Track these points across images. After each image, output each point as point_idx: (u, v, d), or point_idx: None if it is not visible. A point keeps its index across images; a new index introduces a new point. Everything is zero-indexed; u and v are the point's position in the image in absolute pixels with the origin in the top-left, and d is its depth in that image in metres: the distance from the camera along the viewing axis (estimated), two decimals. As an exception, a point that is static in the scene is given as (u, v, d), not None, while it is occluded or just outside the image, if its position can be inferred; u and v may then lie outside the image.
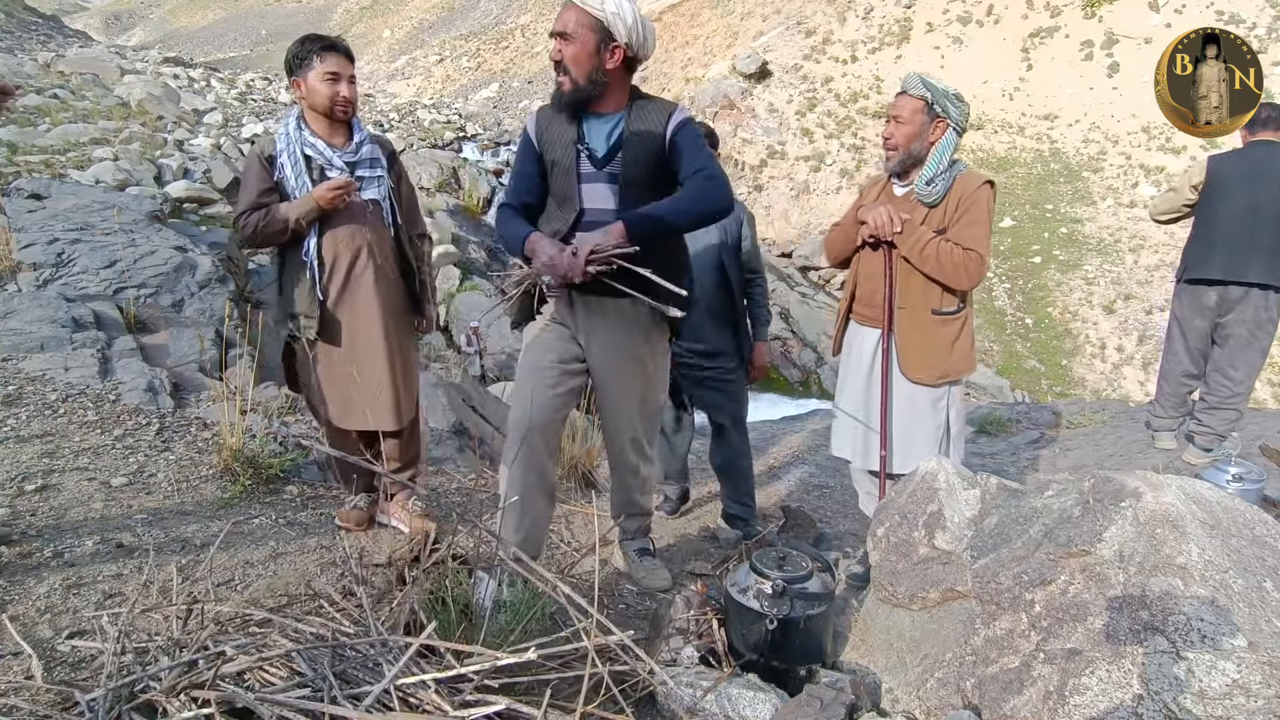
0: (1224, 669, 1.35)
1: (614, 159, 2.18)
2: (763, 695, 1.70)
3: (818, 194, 18.15)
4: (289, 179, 2.48)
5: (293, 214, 2.44)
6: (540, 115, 2.29)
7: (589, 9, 2.05)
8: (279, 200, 2.48)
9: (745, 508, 3.25)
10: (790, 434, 5.42)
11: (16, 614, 1.95)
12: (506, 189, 2.36)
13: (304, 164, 2.49)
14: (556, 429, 2.40)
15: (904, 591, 1.90)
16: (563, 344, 2.34)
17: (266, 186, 2.48)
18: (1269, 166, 3.83)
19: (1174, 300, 4.20)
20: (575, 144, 2.18)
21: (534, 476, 2.34)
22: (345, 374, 2.54)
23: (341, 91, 2.48)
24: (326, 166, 2.51)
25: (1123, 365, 13.37)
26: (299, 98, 2.51)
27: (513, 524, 2.34)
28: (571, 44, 2.07)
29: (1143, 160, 17.17)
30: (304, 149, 2.50)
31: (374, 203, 2.60)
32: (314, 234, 2.49)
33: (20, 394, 3.25)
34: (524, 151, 2.31)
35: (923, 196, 2.46)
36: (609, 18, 2.05)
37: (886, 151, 2.54)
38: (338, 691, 1.35)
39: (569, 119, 2.19)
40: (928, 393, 2.53)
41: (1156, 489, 1.63)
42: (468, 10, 40.74)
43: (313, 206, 2.45)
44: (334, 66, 2.46)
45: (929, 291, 2.48)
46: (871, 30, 22.28)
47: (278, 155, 2.49)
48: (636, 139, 2.16)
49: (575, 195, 2.20)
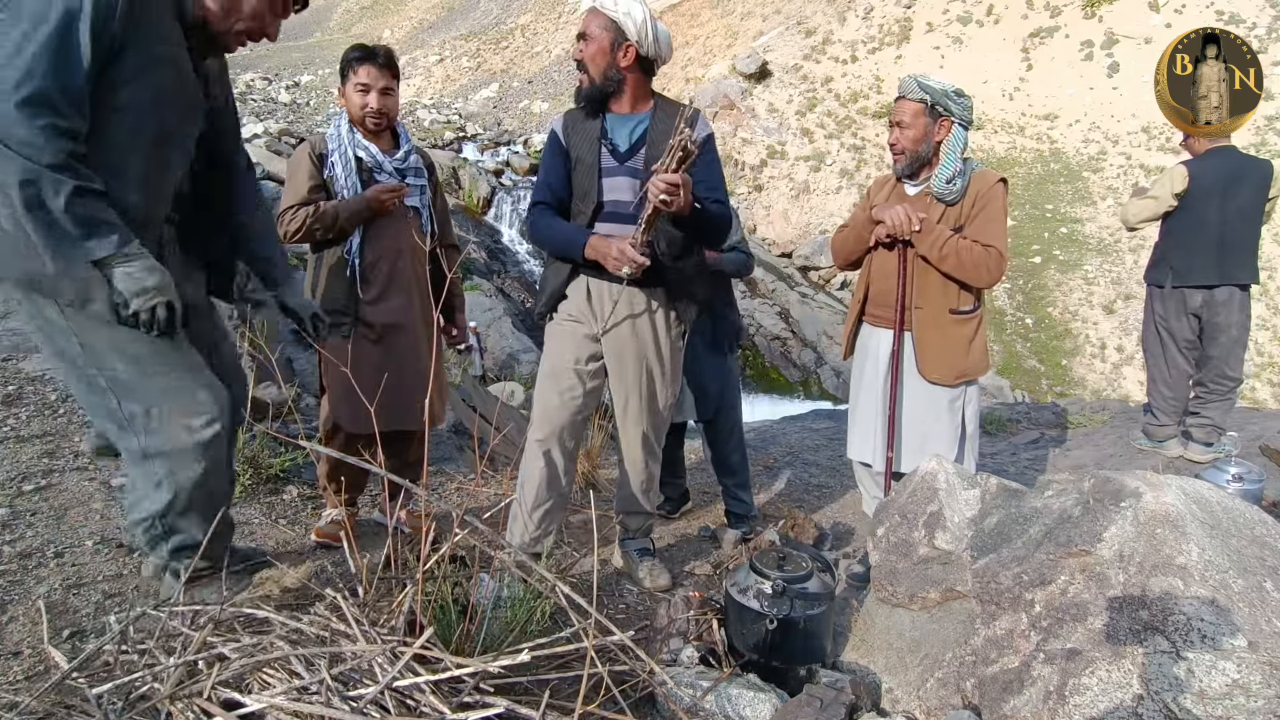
0: (1224, 669, 1.35)
1: (636, 154, 2.31)
2: (763, 695, 1.70)
3: (818, 194, 18.15)
4: (339, 178, 2.53)
5: (343, 212, 2.49)
6: (567, 117, 2.41)
7: (604, 10, 2.24)
8: (326, 198, 2.54)
9: (743, 504, 3.25)
10: (790, 434, 5.41)
11: (16, 614, 1.95)
12: (537, 187, 2.43)
13: (355, 165, 2.55)
14: (576, 432, 2.46)
15: (904, 591, 1.90)
16: (580, 344, 2.39)
17: (316, 183, 2.53)
18: (1242, 170, 3.95)
19: (1152, 305, 4.23)
20: (598, 139, 2.31)
21: (551, 479, 2.40)
22: (378, 374, 2.48)
23: (370, 103, 2.53)
24: (376, 170, 2.58)
25: (1123, 365, 13.37)
26: (341, 104, 2.61)
27: (528, 526, 2.40)
28: (590, 44, 2.27)
29: (1143, 160, 17.17)
30: (356, 150, 2.56)
31: (414, 211, 2.67)
32: (358, 235, 2.54)
33: (20, 394, 3.25)
34: (553, 149, 2.40)
35: (942, 195, 2.46)
36: (620, 17, 2.23)
37: (894, 157, 2.54)
38: (335, 694, 1.35)
39: (591, 116, 2.34)
40: (945, 393, 2.53)
41: (1156, 489, 1.63)
42: (468, 10, 40.78)
43: (363, 207, 2.51)
44: (365, 78, 2.52)
45: (947, 290, 2.49)
46: (871, 30, 22.28)
47: (329, 154, 2.55)
48: (661, 139, 2.24)
49: (595, 188, 2.31)
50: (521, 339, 9.32)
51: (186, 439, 1.71)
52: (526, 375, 7.53)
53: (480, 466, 2.43)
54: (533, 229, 2.43)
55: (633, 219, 2.21)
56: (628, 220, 2.25)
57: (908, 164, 2.51)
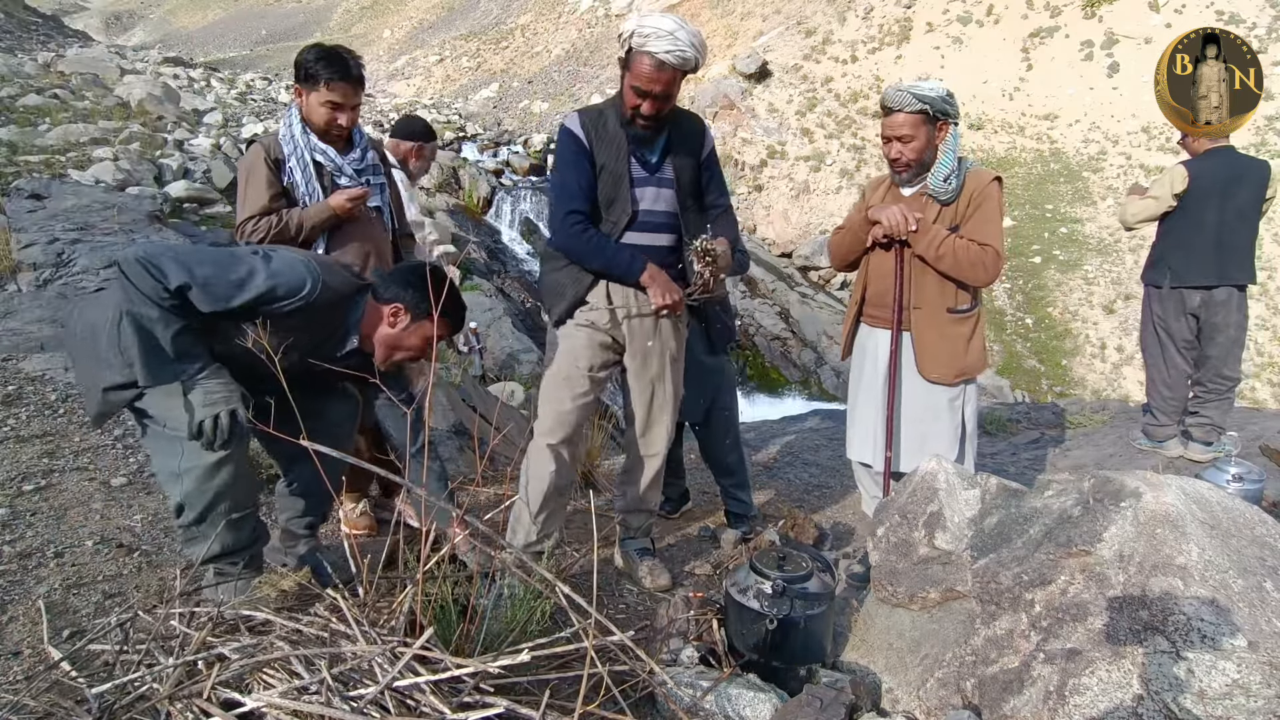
0: (1224, 669, 1.35)
1: (664, 165, 2.38)
2: (763, 695, 1.70)
3: (818, 194, 18.14)
4: (299, 184, 2.43)
5: (308, 221, 2.41)
6: (584, 119, 2.34)
7: (678, 66, 2.20)
8: (287, 205, 2.44)
9: (742, 504, 3.25)
10: (790, 434, 5.41)
11: (16, 614, 1.95)
12: (567, 193, 2.32)
13: (314, 171, 2.45)
14: (581, 434, 2.52)
15: (904, 591, 1.90)
16: (595, 351, 2.41)
17: (276, 191, 2.41)
18: (1241, 170, 3.95)
19: (1151, 305, 4.22)
20: (627, 150, 2.32)
21: (561, 482, 2.43)
22: None
23: (339, 119, 2.43)
24: (337, 174, 2.49)
25: (1123, 365, 13.37)
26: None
27: (532, 529, 2.42)
28: (672, 96, 2.28)
29: (1143, 160, 17.16)
30: (314, 155, 2.45)
31: (376, 209, 2.62)
32: (322, 241, 2.47)
33: (20, 394, 3.25)
34: (576, 152, 2.32)
35: (938, 194, 2.46)
36: (691, 64, 2.23)
37: (897, 170, 2.53)
38: (335, 694, 1.35)
39: (614, 122, 2.32)
40: (944, 392, 2.53)
41: (1156, 489, 1.63)
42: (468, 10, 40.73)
43: (329, 216, 2.43)
44: (338, 96, 2.41)
45: (945, 290, 2.49)
46: (871, 30, 22.27)
47: (285, 159, 2.43)
48: (684, 150, 2.40)
49: (628, 198, 2.32)
50: (521, 339, 9.31)
51: None
52: (527, 375, 7.52)
53: (480, 466, 2.42)
54: (574, 242, 2.32)
55: (659, 227, 2.39)
56: (656, 229, 2.39)
57: (913, 175, 2.51)
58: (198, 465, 1.84)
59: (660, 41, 2.15)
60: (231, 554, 1.98)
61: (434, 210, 12.09)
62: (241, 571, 2.00)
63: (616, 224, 2.33)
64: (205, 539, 1.91)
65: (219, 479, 1.87)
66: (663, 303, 2.30)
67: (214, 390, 1.79)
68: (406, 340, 2.03)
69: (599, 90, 24.66)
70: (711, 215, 2.50)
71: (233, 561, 1.99)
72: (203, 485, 1.86)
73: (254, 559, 2.07)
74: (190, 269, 1.74)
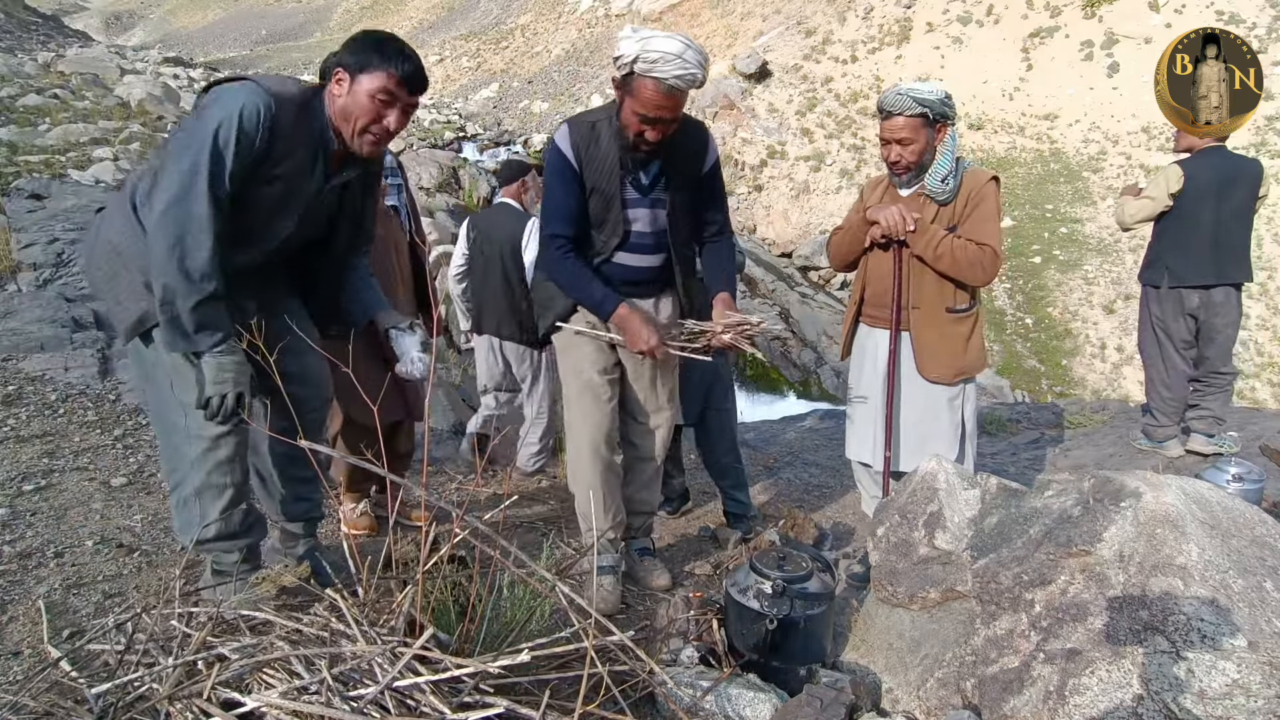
0: (1224, 669, 1.35)
1: (657, 186, 2.30)
2: (763, 695, 1.70)
3: (818, 194, 18.15)
4: None
5: None
6: (574, 134, 2.23)
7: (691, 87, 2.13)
8: None
9: (741, 504, 3.25)
10: (790, 434, 5.41)
11: (16, 614, 1.95)
12: (554, 216, 2.26)
13: None
14: (616, 431, 2.53)
15: (904, 591, 1.90)
16: (601, 354, 2.42)
17: None
18: (1235, 171, 3.95)
19: (1149, 306, 4.22)
20: (619, 171, 2.22)
21: (611, 478, 2.48)
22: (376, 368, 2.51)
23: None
24: None
25: (1123, 365, 13.38)
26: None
27: (605, 518, 2.49)
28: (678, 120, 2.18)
29: (1143, 160, 17.17)
30: None
31: (393, 208, 2.69)
32: None
33: (20, 394, 3.25)
34: (564, 174, 2.23)
35: (936, 194, 2.47)
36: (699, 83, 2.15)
37: (898, 173, 2.53)
38: (335, 694, 1.35)
39: (605, 140, 2.22)
40: (944, 391, 2.53)
41: (1156, 489, 1.63)
42: (468, 10, 40.76)
43: None
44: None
45: (943, 289, 2.49)
46: (871, 30, 22.29)
47: None
48: (681, 168, 2.30)
49: (620, 219, 2.27)
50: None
51: None
52: (526, 375, 7.52)
53: (480, 466, 2.42)
54: (554, 268, 2.31)
55: (652, 248, 2.33)
56: (648, 250, 2.33)
57: (913, 177, 2.51)
58: (203, 435, 1.86)
59: (669, 66, 2.03)
60: (225, 539, 1.96)
61: (434, 210, 12.09)
62: (239, 568, 1.99)
63: (607, 244, 2.28)
64: (196, 508, 1.91)
65: (221, 451, 1.89)
66: (636, 350, 2.24)
67: (226, 368, 1.79)
68: (355, 104, 1.83)
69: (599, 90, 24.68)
70: (706, 233, 2.45)
71: (227, 550, 1.98)
72: (206, 455, 1.88)
73: (251, 551, 2.05)
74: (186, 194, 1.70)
